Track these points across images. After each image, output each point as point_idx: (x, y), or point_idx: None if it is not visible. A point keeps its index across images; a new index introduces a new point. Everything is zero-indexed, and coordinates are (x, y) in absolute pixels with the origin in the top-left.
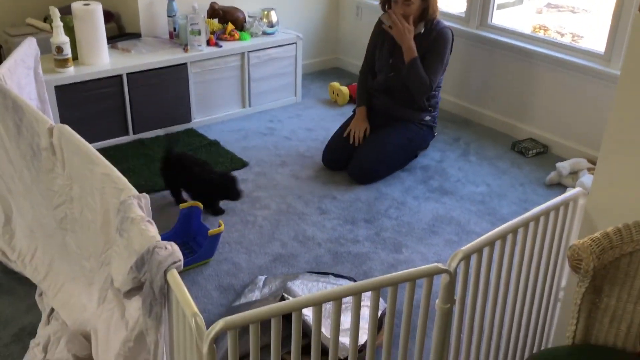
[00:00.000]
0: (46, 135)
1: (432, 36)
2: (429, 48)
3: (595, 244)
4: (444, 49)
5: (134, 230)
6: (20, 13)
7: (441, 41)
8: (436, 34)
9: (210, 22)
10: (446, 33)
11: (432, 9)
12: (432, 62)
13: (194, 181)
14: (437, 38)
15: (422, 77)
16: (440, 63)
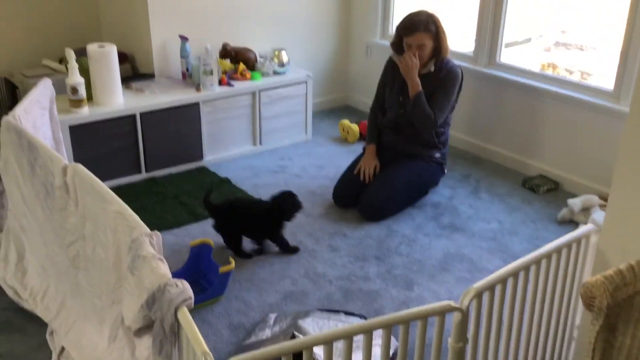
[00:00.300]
0: (60, 174)
1: (441, 74)
2: (438, 86)
3: (609, 281)
4: (452, 87)
5: (145, 268)
6: (36, 54)
7: (450, 79)
8: (446, 72)
9: (222, 63)
10: (455, 71)
11: (443, 49)
12: (439, 98)
13: (253, 220)
14: (446, 76)
15: (426, 112)
16: (447, 100)
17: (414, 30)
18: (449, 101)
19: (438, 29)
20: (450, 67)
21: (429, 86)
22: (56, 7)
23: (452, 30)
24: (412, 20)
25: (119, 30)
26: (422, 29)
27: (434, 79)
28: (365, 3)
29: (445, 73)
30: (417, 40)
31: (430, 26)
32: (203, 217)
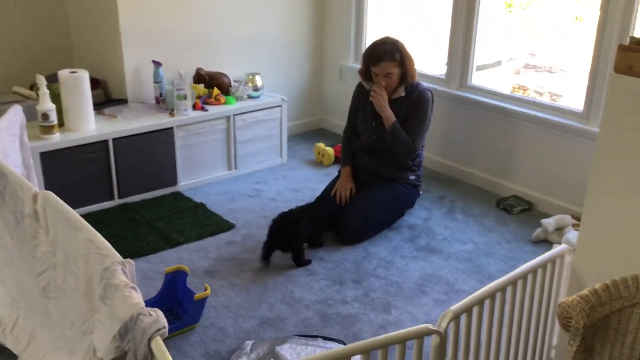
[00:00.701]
0: (30, 201)
1: (412, 98)
2: (410, 110)
3: (584, 301)
4: (425, 111)
5: (117, 297)
6: (6, 81)
7: (422, 103)
8: (416, 96)
9: (196, 87)
10: (426, 95)
11: (410, 74)
12: (415, 124)
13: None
14: (417, 100)
15: (404, 141)
16: (422, 125)
17: (379, 60)
18: (424, 125)
19: (403, 56)
20: (420, 91)
21: (402, 110)
22: (27, 33)
23: (424, 53)
24: (376, 50)
25: (91, 55)
26: (387, 58)
27: (405, 103)
28: (338, 27)
29: (416, 97)
30: (383, 70)
31: (395, 54)
32: (177, 243)
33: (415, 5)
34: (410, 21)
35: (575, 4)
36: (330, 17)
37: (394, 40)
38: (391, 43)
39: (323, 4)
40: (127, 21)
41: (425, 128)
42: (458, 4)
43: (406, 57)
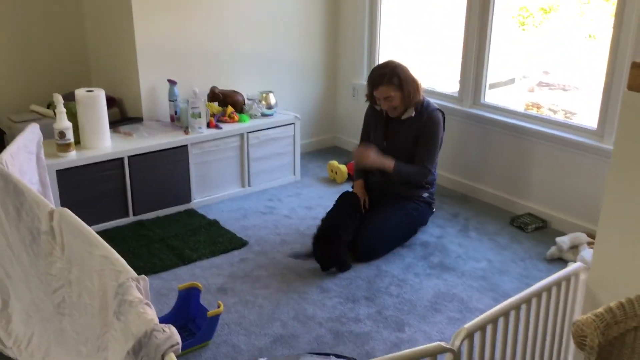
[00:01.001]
0: (46, 218)
1: (423, 119)
2: (421, 131)
3: (599, 319)
4: (436, 133)
5: (131, 313)
6: (24, 100)
7: (432, 125)
8: (427, 117)
9: (210, 106)
10: (436, 116)
11: (412, 95)
12: (426, 146)
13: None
14: (428, 121)
15: (413, 173)
16: (433, 146)
17: (378, 84)
18: (436, 146)
19: (402, 80)
20: (430, 112)
21: (412, 130)
22: (45, 52)
23: (437, 71)
24: (376, 74)
25: (108, 75)
26: (385, 83)
27: (416, 124)
28: (351, 45)
29: (426, 118)
30: (381, 94)
31: (393, 79)
32: (191, 260)
33: (428, 23)
34: (423, 39)
35: (589, 22)
36: (343, 36)
37: (395, 64)
38: (391, 67)
39: (336, 22)
40: (143, 41)
41: (437, 149)
42: (470, 22)
43: (405, 80)
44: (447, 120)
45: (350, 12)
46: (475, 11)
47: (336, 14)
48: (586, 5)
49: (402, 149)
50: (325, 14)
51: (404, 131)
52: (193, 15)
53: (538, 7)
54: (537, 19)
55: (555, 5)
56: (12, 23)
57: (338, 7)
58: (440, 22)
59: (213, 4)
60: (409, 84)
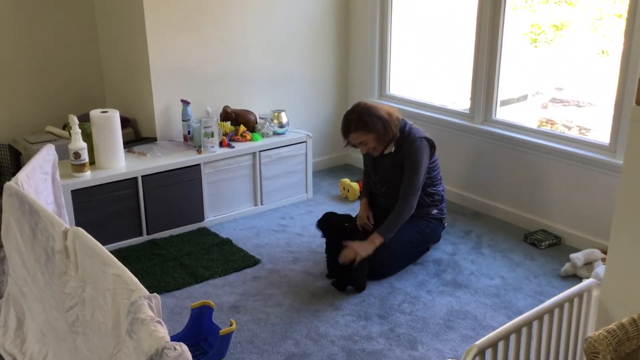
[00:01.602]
0: (61, 238)
1: (403, 150)
2: (403, 160)
3: (611, 335)
4: (416, 161)
5: (143, 331)
6: (40, 121)
7: (412, 154)
8: (407, 148)
9: (223, 125)
10: (417, 147)
11: (384, 134)
12: (409, 176)
13: None
14: (408, 151)
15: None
16: (416, 175)
17: (347, 132)
18: (419, 174)
19: (368, 123)
20: (410, 141)
21: (396, 162)
22: (60, 74)
23: (448, 87)
24: (344, 123)
25: (122, 96)
26: (353, 130)
27: (398, 155)
28: (362, 64)
29: (406, 149)
30: (354, 140)
31: (360, 124)
32: (204, 278)
33: (439, 40)
34: (433, 56)
35: (601, 38)
36: (354, 54)
37: (360, 107)
38: (357, 112)
39: (347, 40)
40: (157, 62)
41: (420, 175)
42: (480, 40)
43: (372, 122)
44: (459, 137)
45: (361, 31)
46: (485, 28)
47: (347, 32)
48: (598, 22)
49: (393, 180)
50: (336, 33)
51: (389, 164)
52: (205, 36)
53: (550, 24)
54: (549, 36)
55: (567, 22)
56: (29, 47)
57: (348, 25)
58: (451, 39)
59: (225, 25)
60: (377, 125)
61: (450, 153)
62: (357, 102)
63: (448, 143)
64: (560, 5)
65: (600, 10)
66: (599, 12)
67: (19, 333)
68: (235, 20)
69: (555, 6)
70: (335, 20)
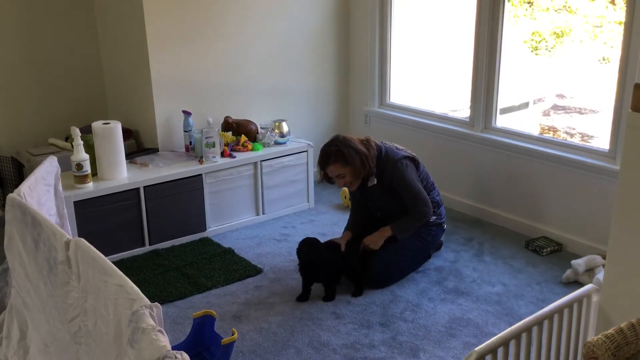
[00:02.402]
0: (63, 248)
1: (386, 177)
2: (392, 184)
3: (610, 340)
4: (404, 180)
5: (144, 341)
6: (43, 133)
7: (400, 180)
8: (390, 174)
9: (224, 135)
10: (398, 170)
11: (361, 169)
12: (411, 197)
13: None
14: (394, 179)
15: (413, 221)
16: (413, 190)
17: (325, 164)
18: (414, 188)
19: (346, 156)
20: (391, 167)
21: (385, 188)
22: (63, 87)
23: (447, 95)
24: (322, 155)
25: (124, 107)
26: (331, 162)
27: (385, 182)
28: (363, 73)
29: (389, 175)
30: (332, 172)
31: (338, 156)
32: (206, 288)
33: (438, 49)
34: (433, 65)
35: (602, 45)
36: (355, 63)
37: (339, 140)
38: (335, 144)
39: (347, 50)
40: (158, 74)
41: (417, 188)
42: (479, 48)
43: (350, 155)
44: (460, 145)
45: (361, 40)
46: (484, 37)
47: (347, 41)
48: (599, 29)
49: (387, 205)
50: (337, 42)
51: (378, 194)
52: (206, 47)
53: (551, 32)
54: (550, 44)
55: (568, 30)
56: (32, 60)
57: (349, 34)
58: (451, 47)
59: (225, 37)
60: (356, 159)
61: (451, 161)
62: (336, 134)
63: (449, 151)
64: (560, 13)
65: (600, 18)
66: (599, 19)
67: (22, 344)
68: (236, 31)
69: (555, 14)
70: (336, 30)
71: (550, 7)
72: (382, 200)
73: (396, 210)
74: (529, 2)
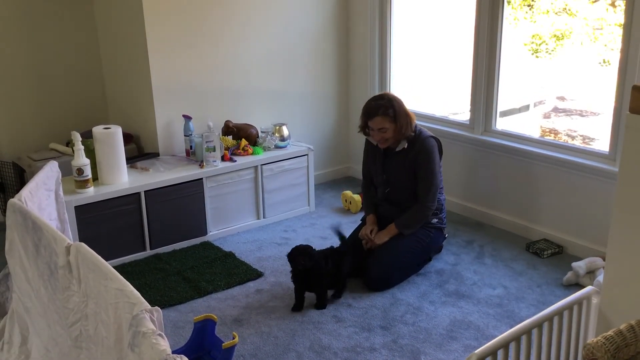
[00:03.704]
0: (64, 253)
1: (415, 148)
2: (416, 159)
3: (609, 342)
4: (431, 161)
5: (145, 345)
6: (44, 139)
7: (426, 153)
8: (419, 146)
9: (224, 139)
10: (429, 143)
11: (404, 128)
12: (425, 181)
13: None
14: (421, 150)
15: (415, 217)
16: (433, 178)
17: (373, 114)
18: (434, 176)
19: (396, 112)
20: (423, 140)
21: (407, 160)
22: (63, 92)
23: (448, 98)
24: (371, 105)
25: (125, 112)
26: (380, 113)
27: (410, 153)
28: (363, 77)
29: (419, 147)
30: (376, 124)
31: (389, 110)
32: (207, 292)
33: (439, 52)
34: (434, 68)
35: (602, 48)
36: (355, 67)
37: (390, 96)
38: (387, 99)
39: (347, 53)
40: (159, 78)
41: (436, 178)
42: (478, 51)
43: (400, 113)
44: (460, 148)
45: (361, 43)
46: (484, 40)
47: (347, 45)
48: (599, 31)
49: (401, 179)
50: (336, 46)
51: (399, 162)
52: (206, 52)
53: (551, 34)
54: (550, 46)
55: (568, 32)
56: (32, 65)
57: (348, 38)
58: (451, 50)
59: (225, 41)
60: (402, 117)
61: (452, 163)
62: (384, 92)
63: (449, 154)
64: (560, 15)
65: (600, 20)
66: (599, 21)
67: (23, 349)
68: (236, 35)
69: (555, 16)
70: (336, 34)
71: (550, 9)
72: (399, 172)
73: (404, 193)
74: (529, 4)
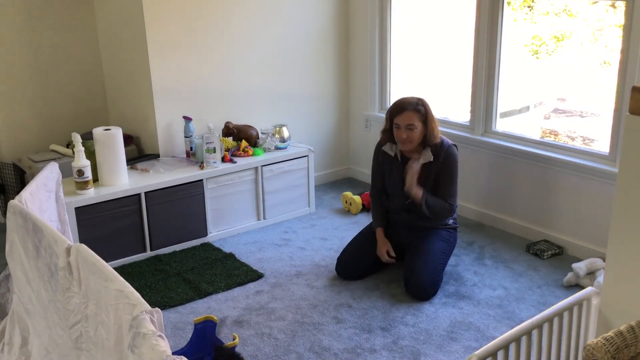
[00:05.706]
0: (64, 254)
1: (440, 159)
2: (440, 170)
3: (609, 343)
4: (454, 170)
5: (145, 346)
6: (44, 140)
7: (450, 163)
8: (445, 156)
9: (224, 140)
10: (452, 152)
11: (432, 134)
12: (448, 186)
13: None
14: (446, 160)
15: (439, 207)
16: (453, 183)
17: (403, 109)
18: (456, 183)
19: (427, 112)
20: (447, 149)
21: (431, 172)
22: (64, 94)
23: (448, 99)
24: (402, 101)
25: (125, 113)
26: (411, 109)
27: (434, 166)
28: (363, 78)
29: (444, 157)
30: (406, 120)
31: (419, 107)
32: (207, 293)
33: (439, 52)
34: (434, 69)
35: (602, 49)
36: (355, 68)
37: (420, 98)
38: (417, 98)
39: (347, 54)
40: (159, 80)
41: (457, 184)
42: (478, 52)
43: (430, 116)
44: (460, 149)
45: (361, 44)
46: (483, 41)
47: (347, 46)
48: (599, 32)
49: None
50: (336, 47)
51: (423, 174)
52: (206, 53)
53: (551, 36)
54: (551, 47)
55: (568, 33)
56: (33, 66)
57: (348, 39)
58: (450, 51)
59: (225, 42)
60: (432, 121)
61: None
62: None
63: None
64: (560, 16)
65: (601, 21)
66: (599, 22)
67: (24, 350)
68: (236, 37)
69: (555, 17)
70: (336, 35)
71: (550, 10)
72: (422, 183)
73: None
74: (529, 6)
